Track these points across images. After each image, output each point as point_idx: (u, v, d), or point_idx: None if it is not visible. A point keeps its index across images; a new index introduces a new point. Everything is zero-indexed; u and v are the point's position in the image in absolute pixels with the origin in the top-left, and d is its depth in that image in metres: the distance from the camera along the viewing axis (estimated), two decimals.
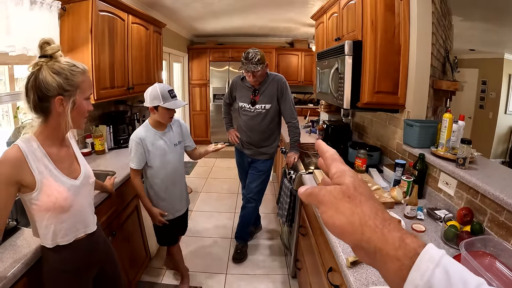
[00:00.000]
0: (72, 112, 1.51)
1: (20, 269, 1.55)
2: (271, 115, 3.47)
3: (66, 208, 1.55)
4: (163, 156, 2.66)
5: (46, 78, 1.41)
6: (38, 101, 1.44)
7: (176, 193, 2.83)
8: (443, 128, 2.25)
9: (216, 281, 3.42)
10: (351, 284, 1.43)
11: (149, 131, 2.62)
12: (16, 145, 1.43)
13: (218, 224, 4.66)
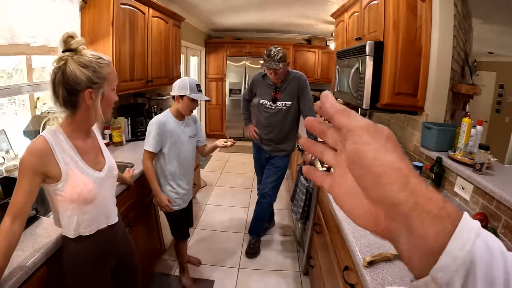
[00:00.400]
0: (100, 104, 1.53)
1: (40, 258, 1.58)
2: (291, 113, 3.50)
3: (90, 200, 1.57)
4: (179, 144, 2.73)
5: (75, 72, 1.42)
6: (67, 95, 1.45)
7: (185, 183, 2.88)
8: (462, 133, 2.24)
9: (228, 275, 3.45)
10: (367, 283, 1.44)
11: (170, 118, 2.69)
12: (43, 137, 1.45)
13: (232, 218, 4.69)
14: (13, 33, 2.27)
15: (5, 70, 2.74)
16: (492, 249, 0.34)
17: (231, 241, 4.07)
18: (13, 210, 1.41)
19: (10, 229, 1.38)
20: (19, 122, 2.79)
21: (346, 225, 1.94)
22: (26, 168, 1.41)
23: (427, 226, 0.35)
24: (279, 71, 3.26)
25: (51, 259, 1.66)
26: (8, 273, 1.41)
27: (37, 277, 1.57)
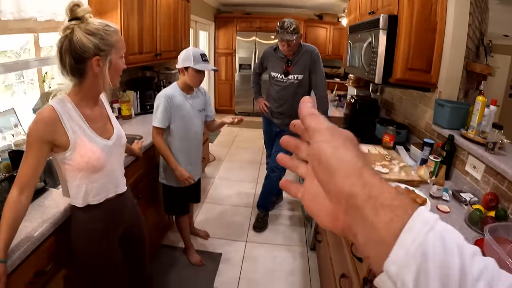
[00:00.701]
0: (108, 71, 1.52)
1: (48, 228, 1.58)
2: (303, 86, 3.47)
3: (99, 168, 1.57)
4: (187, 118, 2.69)
5: (82, 39, 1.41)
6: (74, 63, 1.44)
7: (192, 158, 2.86)
8: (475, 111, 2.20)
9: (236, 248, 3.48)
10: None
11: (177, 92, 2.64)
12: (50, 106, 1.45)
13: (240, 192, 4.71)
14: (19, 7, 2.25)
15: (13, 50, 2.72)
16: (447, 243, 0.33)
17: (239, 215, 4.10)
18: (20, 180, 1.41)
19: (17, 200, 1.38)
20: (28, 101, 2.77)
21: None
22: (33, 137, 1.41)
23: (380, 216, 0.35)
24: (292, 43, 3.23)
25: (59, 229, 1.67)
26: (15, 244, 1.42)
27: (45, 248, 1.59)
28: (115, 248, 1.84)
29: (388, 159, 2.50)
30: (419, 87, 2.79)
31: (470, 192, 2.07)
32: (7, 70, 2.46)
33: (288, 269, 3.21)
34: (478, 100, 2.17)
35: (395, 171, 2.28)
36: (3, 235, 1.32)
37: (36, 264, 1.52)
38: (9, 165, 2.08)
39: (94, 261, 1.75)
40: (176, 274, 3.08)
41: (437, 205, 1.90)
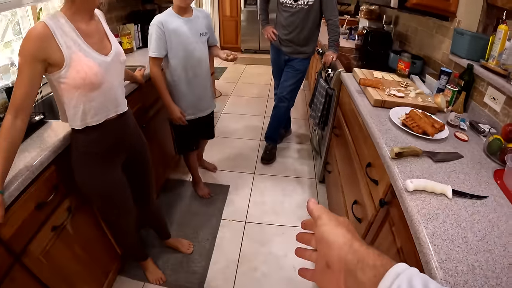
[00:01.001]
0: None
1: (47, 156, 1.52)
2: (313, 12, 3.26)
3: (97, 84, 1.47)
4: (186, 43, 2.43)
5: None
6: None
7: (199, 88, 2.66)
8: (497, 40, 2.02)
9: (244, 180, 3.47)
10: (394, 175, 1.36)
11: (171, 16, 2.39)
12: (42, 22, 1.33)
13: (247, 125, 4.67)
14: None
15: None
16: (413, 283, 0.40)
17: (247, 148, 4.07)
18: (14, 104, 1.32)
19: (12, 125, 1.30)
20: None
21: (371, 120, 1.86)
22: (25, 55, 1.30)
23: (366, 274, 0.45)
24: None
25: (59, 158, 1.61)
26: (13, 174, 1.35)
27: (45, 178, 1.53)
28: (118, 172, 1.78)
29: (403, 85, 2.38)
30: (436, 14, 2.62)
31: (488, 124, 1.96)
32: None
33: (297, 201, 3.19)
34: (500, 29, 2.00)
35: (411, 96, 2.17)
36: None
37: (36, 195, 1.47)
38: (6, 102, 2.01)
39: (97, 187, 1.70)
40: (184, 206, 3.09)
41: (455, 133, 1.80)
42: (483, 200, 1.25)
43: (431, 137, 1.66)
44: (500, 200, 1.26)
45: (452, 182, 1.34)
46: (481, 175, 1.43)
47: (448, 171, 1.42)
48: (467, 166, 1.49)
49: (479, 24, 2.39)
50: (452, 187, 1.26)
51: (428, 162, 1.47)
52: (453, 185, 1.30)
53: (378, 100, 2.05)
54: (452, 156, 1.54)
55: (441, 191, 1.24)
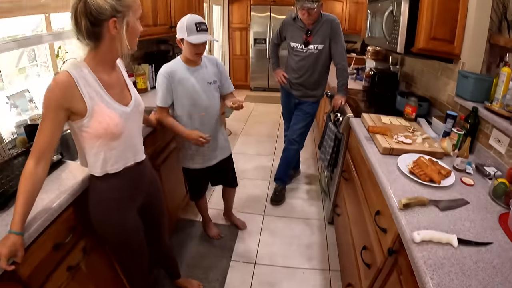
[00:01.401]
0: (126, 33, 1.45)
1: (66, 199, 1.57)
2: (323, 57, 3.38)
3: (117, 135, 1.53)
4: (192, 93, 2.44)
5: (97, 1, 1.33)
6: (90, 26, 1.37)
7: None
8: (500, 83, 2.10)
9: (253, 221, 3.48)
10: (402, 226, 1.40)
11: (178, 65, 2.42)
12: (66, 71, 1.39)
13: (257, 166, 4.71)
14: None
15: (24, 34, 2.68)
16: None
17: (257, 188, 4.09)
18: (36, 150, 1.38)
19: (34, 171, 1.35)
20: (42, 83, 2.75)
21: (379, 168, 1.90)
22: (49, 104, 1.36)
23: None
24: (312, 12, 3.13)
25: (77, 200, 1.66)
26: (32, 216, 1.40)
27: (63, 219, 1.57)
28: (134, 218, 1.82)
29: (410, 131, 2.44)
30: (441, 57, 2.70)
31: (493, 166, 2.00)
32: (20, 46, 2.43)
33: (306, 242, 3.19)
34: (503, 71, 2.07)
35: (418, 142, 2.22)
36: (19, 208, 1.30)
37: (54, 236, 1.51)
38: (25, 139, 2.08)
39: (113, 231, 1.73)
40: (195, 247, 3.10)
41: (461, 178, 1.84)
42: (488, 246, 1.28)
43: (438, 185, 1.70)
44: (505, 245, 1.30)
45: (457, 230, 1.38)
46: (487, 220, 1.46)
47: (454, 219, 1.45)
48: (473, 212, 1.52)
49: (482, 64, 2.46)
50: (458, 236, 1.30)
51: (435, 211, 1.51)
52: (458, 233, 1.33)
53: (386, 148, 2.10)
54: (458, 203, 1.58)
55: (447, 240, 1.27)
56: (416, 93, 3.37)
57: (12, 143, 2.16)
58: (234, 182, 3.08)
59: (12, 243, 1.21)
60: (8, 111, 2.27)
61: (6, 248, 1.18)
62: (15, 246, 1.22)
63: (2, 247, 1.18)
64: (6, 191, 1.57)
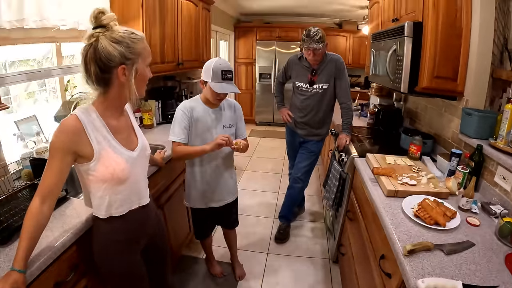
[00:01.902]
0: (134, 80, 1.48)
1: (69, 238, 1.58)
2: (328, 96, 3.43)
3: (123, 179, 1.55)
4: (205, 134, 2.42)
5: (107, 48, 1.37)
6: (100, 72, 1.41)
7: (213, 179, 2.59)
8: (504, 120, 2.11)
9: (257, 259, 3.45)
10: (407, 273, 1.39)
11: (198, 104, 2.42)
12: (75, 115, 1.42)
13: (261, 202, 4.70)
14: (42, 16, 2.27)
15: (35, 59, 2.74)
16: None
17: (260, 226, 4.07)
18: (42, 190, 1.39)
19: (39, 210, 1.36)
20: (50, 109, 2.79)
21: (384, 212, 1.89)
22: (57, 147, 1.38)
23: None
24: (318, 52, 3.19)
25: (80, 239, 1.66)
26: (36, 253, 1.41)
27: (66, 257, 1.58)
28: (137, 260, 1.81)
29: (415, 171, 2.44)
30: (445, 95, 2.73)
31: (499, 204, 1.99)
32: (30, 79, 2.48)
33: (310, 282, 3.15)
34: (507, 109, 2.09)
35: (423, 182, 2.21)
36: (23, 245, 1.30)
37: (56, 274, 1.51)
38: (30, 173, 2.11)
39: (116, 273, 1.72)
40: (197, 285, 3.07)
41: (467, 218, 1.84)
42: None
43: (444, 228, 1.69)
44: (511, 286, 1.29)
45: (463, 274, 1.36)
46: (493, 262, 1.45)
47: (459, 263, 1.44)
48: (478, 254, 1.52)
49: (486, 99, 2.49)
50: (463, 281, 1.29)
51: (440, 256, 1.49)
52: (464, 278, 1.33)
53: (391, 190, 2.09)
54: (463, 246, 1.57)
55: (452, 287, 1.26)
56: (420, 129, 3.40)
57: (17, 174, 2.20)
58: (235, 223, 3.04)
59: (14, 281, 1.22)
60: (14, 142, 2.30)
61: (8, 286, 1.19)
62: (16, 284, 1.22)
63: (4, 284, 1.19)
64: (10, 225, 1.59)
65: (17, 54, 2.50)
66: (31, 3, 2.17)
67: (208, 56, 4.91)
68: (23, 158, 2.18)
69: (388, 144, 3.30)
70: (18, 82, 2.38)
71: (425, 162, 2.69)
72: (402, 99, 4.11)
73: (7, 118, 2.31)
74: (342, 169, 3.04)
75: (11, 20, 2.05)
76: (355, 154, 2.93)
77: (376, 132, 3.82)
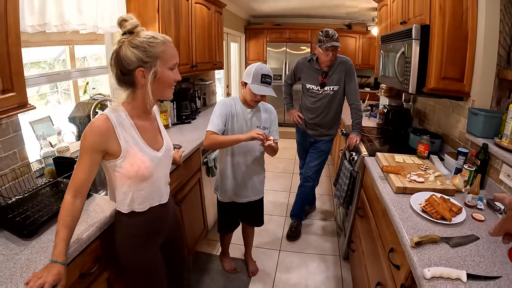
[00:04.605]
0: (154, 83, 1.55)
1: (94, 232, 1.66)
2: (338, 97, 3.50)
3: (147, 177, 1.63)
4: (239, 131, 2.53)
5: (126, 52, 1.47)
6: (121, 74, 1.52)
7: (241, 176, 2.70)
8: (509, 119, 2.17)
9: (269, 256, 3.53)
10: (414, 263, 1.46)
11: (236, 102, 2.57)
12: (105, 115, 1.51)
13: (273, 201, 4.77)
14: (63, 20, 2.35)
15: (46, 61, 2.81)
16: None
17: (273, 224, 4.14)
18: (74, 186, 1.48)
19: (73, 204, 1.46)
20: (62, 110, 2.88)
21: (393, 207, 1.96)
22: (87, 146, 1.47)
23: None
24: (336, 50, 3.28)
25: (104, 233, 1.75)
26: None
27: (91, 250, 1.66)
28: (156, 254, 1.89)
29: (423, 169, 2.50)
30: (452, 96, 2.79)
31: None
32: (49, 81, 2.59)
33: (321, 278, 3.22)
34: (511, 108, 2.16)
35: (430, 180, 2.28)
36: (62, 237, 1.40)
37: (82, 266, 1.59)
38: (53, 170, 2.20)
39: (135, 266, 1.80)
40: (211, 281, 3.14)
41: (472, 214, 1.90)
42: (497, 280, 1.33)
43: (449, 222, 1.76)
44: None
45: (467, 265, 1.43)
46: (496, 255, 1.51)
47: (464, 255, 1.51)
48: (483, 247, 1.58)
49: (492, 100, 2.53)
50: (467, 271, 1.35)
51: (445, 248, 1.56)
52: (468, 269, 1.39)
53: (400, 187, 2.16)
54: (468, 239, 1.63)
55: (456, 276, 1.33)
56: (429, 129, 3.45)
57: (39, 172, 2.29)
58: (260, 222, 3.12)
59: (58, 272, 1.30)
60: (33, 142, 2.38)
61: (51, 276, 1.27)
62: (59, 275, 1.30)
63: (48, 274, 1.27)
64: (37, 220, 1.67)
65: (29, 57, 2.57)
66: (53, 8, 2.25)
67: (220, 58, 4.99)
68: (46, 157, 2.27)
69: (397, 143, 3.36)
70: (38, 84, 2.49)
71: (432, 161, 2.76)
72: (411, 99, 4.16)
73: (22, 118, 2.39)
74: (352, 168, 3.10)
75: (34, 24, 2.12)
76: (365, 153, 2.99)
77: (385, 132, 3.89)
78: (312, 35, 8.47)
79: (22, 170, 2.13)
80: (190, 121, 4.16)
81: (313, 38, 8.41)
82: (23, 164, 2.17)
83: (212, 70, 5.35)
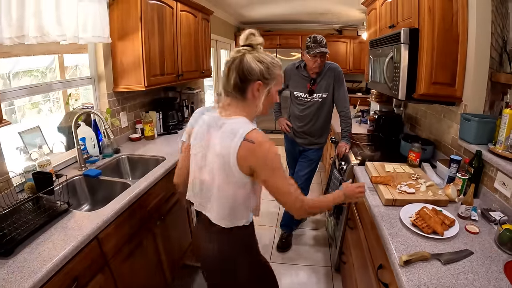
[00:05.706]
0: (264, 99, 1.63)
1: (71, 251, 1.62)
2: (326, 104, 3.43)
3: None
4: None
5: (250, 63, 1.53)
6: (239, 81, 1.56)
7: None
8: (503, 125, 2.10)
9: None
10: (402, 283, 1.38)
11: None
12: (257, 130, 1.59)
13: (263, 211, 4.58)
14: (42, 32, 2.28)
15: (39, 69, 2.77)
16: None
17: (262, 234, 4.06)
18: (296, 192, 1.77)
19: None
20: (54, 119, 2.83)
21: (381, 221, 1.89)
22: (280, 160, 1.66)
23: None
24: (325, 56, 3.23)
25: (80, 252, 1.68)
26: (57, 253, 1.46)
27: (68, 269, 1.61)
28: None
29: (414, 178, 2.43)
30: (443, 101, 2.73)
31: (499, 210, 1.98)
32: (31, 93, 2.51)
33: None
34: (505, 113, 2.08)
35: (422, 190, 2.21)
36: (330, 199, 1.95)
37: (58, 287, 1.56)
38: (33, 185, 2.11)
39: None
40: None
41: (466, 226, 1.83)
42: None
43: (441, 236, 1.68)
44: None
45: (460, 284, 1.36)
46: (491, 271, 1.44)
47: (456, 273, 1.43)
48: (477, 263, 1.51)
49: (485, 103, 2.47)
50: None
51: (437, 265, 1.49)
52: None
53: (389, 199, 2.09)
54: (461, 255, 1.56)
55: None
56: (421, 135, 3.40)
57: (20, 187, 2.21)
58: None
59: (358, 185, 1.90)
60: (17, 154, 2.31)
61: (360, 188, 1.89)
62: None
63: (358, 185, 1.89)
64: (14, 238, 1.61)
65: (21, 65, 2.56)
66: (31, 20, 2.19)
67: (208, 66, 4.91)
68: (26, 172, 2.19)
69: (388, 150, 3.31)
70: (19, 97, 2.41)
71: (424, 169, 2.69)
72: (402, 105, 4.10)
73: (11, 129, 2.34)
74: (342, 177, 3.04)
75: (12, 36, 2.07)
76: (354, 162, 2.93)
77: (376, 139, 3.83)
78: (302, 40, 8.45)
79: (1, 186, 2.05)
80: (177, 131, 4.07)
81: (303, 44, 8.36)
82: (3, 179, 2.08)
83: (200, 79, 5.27)
